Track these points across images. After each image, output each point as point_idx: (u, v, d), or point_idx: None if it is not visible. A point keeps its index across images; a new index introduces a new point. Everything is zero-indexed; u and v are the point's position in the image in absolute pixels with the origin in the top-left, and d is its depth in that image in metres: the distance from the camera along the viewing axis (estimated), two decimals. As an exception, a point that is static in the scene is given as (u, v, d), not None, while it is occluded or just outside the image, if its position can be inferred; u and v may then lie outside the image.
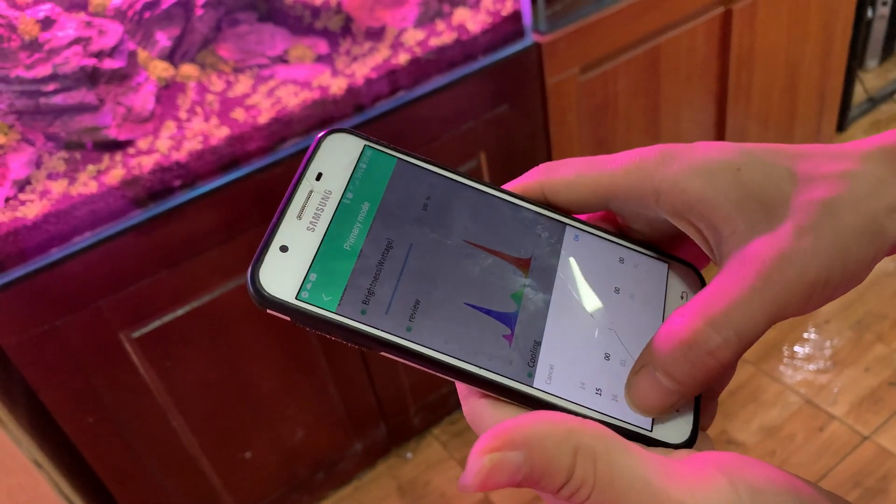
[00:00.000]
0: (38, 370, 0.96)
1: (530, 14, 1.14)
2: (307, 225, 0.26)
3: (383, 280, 0.26)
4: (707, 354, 0.24)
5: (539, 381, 0.26)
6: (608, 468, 0.22)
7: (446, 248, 0.27)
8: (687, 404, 0.27)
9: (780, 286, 0.23)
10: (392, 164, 0.29)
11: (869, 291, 1.58)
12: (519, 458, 0.21)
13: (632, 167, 0.27)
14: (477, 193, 0.29)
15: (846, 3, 1.61)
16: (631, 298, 0.29)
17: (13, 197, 0.91)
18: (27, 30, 0.89)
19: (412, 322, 0.26)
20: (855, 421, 1.35)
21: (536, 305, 0.27)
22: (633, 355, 0.27)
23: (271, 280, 0.25)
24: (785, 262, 0.23)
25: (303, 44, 1.07)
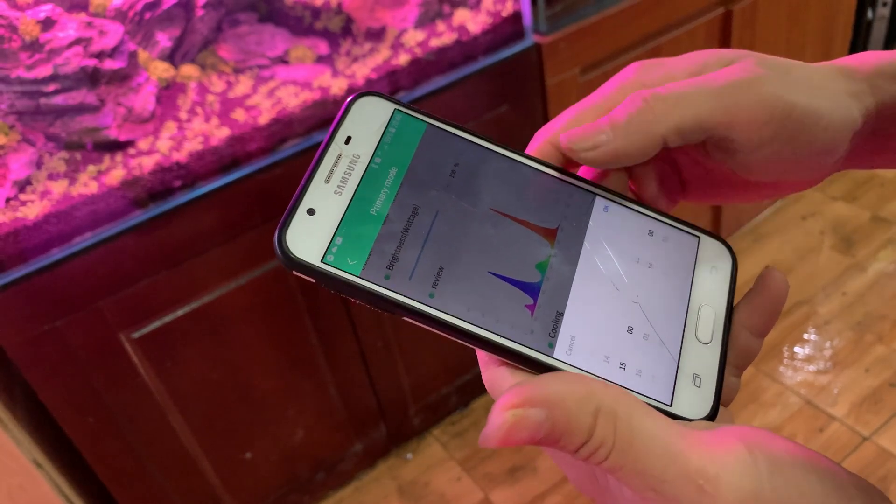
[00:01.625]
0: (38, 370, 0.96)
1: (531, 15, 1.14)
2: (334, 189, 0.26)
3: (408, 246, 0.26)
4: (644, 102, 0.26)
5: (559, 352, 0.26)
6: (628, 430, 0.22)
7: (472, 215, 0.27)
8: (709, 381, 0.26)
9: (731, 89, 0.25)
10: (422, 129, 0.28)
11: (869, 292, 1.58)
12: (541, 416, 0.22)
13: (622, 83, 0.28)
14: (506, 161, 0.29)
15: (846, 5, 1.61)
16: (658, 272, 0.28)
17: (14, 197, 0.91)
18: (28, 30, 0.89)
19: (435, 288, 0.26)
20: (855, 422, 1.35)
21: (561, 276, 0.27)
22: (656, 329, 0.27)
23: (297, 242, 0.25)
24: (745, 75, 0.26)
25: (303, 44, 1.07)
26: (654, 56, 1.31)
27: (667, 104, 0.26)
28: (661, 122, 0.26)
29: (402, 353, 1.32)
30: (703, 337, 0.27)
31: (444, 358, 1.40)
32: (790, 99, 0.25)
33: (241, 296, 1.08)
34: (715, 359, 0.27)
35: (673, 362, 0.27)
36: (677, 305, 0.28)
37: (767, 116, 0.25)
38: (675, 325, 0.27)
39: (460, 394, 1.48)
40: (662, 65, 0.28)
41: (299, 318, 1.16)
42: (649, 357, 0.26)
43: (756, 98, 0.25)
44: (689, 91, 0.26)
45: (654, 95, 0.26)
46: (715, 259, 0.29)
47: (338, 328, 1.21)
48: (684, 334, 0.27)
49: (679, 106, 0.25)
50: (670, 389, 0.26)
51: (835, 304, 1.57)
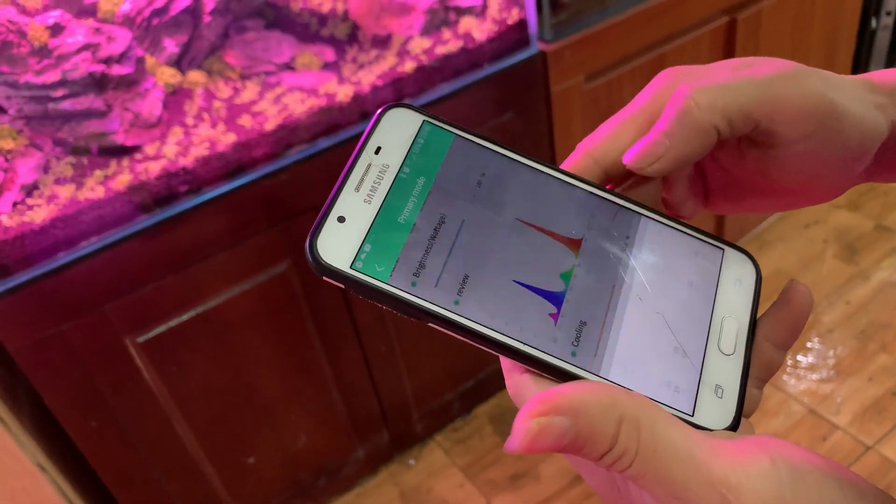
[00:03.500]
0: (43, 374, 0.97)
1: (536, 23, 1.14)
2: (364, 197, 0.27)
3: (434, 254, 0.26)
4: (689, 99, 0.26)
5: (582, 360, 0.26)
6: (652, 438, 0.22)
7: (498, 225, 0.28)
8: (731, 392, 0.27)
9: (774, 83, 0.26)
10: (449, 140, 0.29)
11: (873, 301, 1.58)
12: (565, 424, 0.22)
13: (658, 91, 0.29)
14: (532, 172, 0.29)
15: (850, 14, 1.62)
16: (682, 283, 0.28)
17: (21, 201, 0.92)
18: (37, 36, 0.89)
19: (460, 296, 0.26)
20: (858, 431, 1.35)
21: (585, 286, 0.27)
22: (679, 340, 0.27)
23: (328, 249, 0.26)
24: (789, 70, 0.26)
25: (309, 51, 1.08)
26: (659, 65, 1.32)
27: (710, 95, 0.26)
28: (710, 112, 0.26)
29: (406, 358, 1.32)
30: (726, 348, 0.28)
31: (448, 364, 1.40)
32: (832, 97, 0.26)
33: (246, 301, 1.09)
34: (737, 370, 0.27)
35: (696, 373, 0.27)
36: (701, 317, 0.28)
37: (812, 109, 0.26)
38: (698, 336, 0.28)
39: (463, 400, 1.48)
40: (694, 71, 0.28)
41: (303, 324, 1.16)
42: (672, 367, 0.27)
43: (801, 91, 0.26)
44: (733, 83, 0.26)
45: (697, 89, 0.26)
46: (739, 271, 0.29)
47: (341, 333, 1.21)
48: (707, 345, 0.27)
49: (724, 96, 0.26)
50: (692, 400, 0.26)
51: (838, 313, 1.57)
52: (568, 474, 1.38)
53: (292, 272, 1.11)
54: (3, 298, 0.90)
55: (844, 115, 0.26)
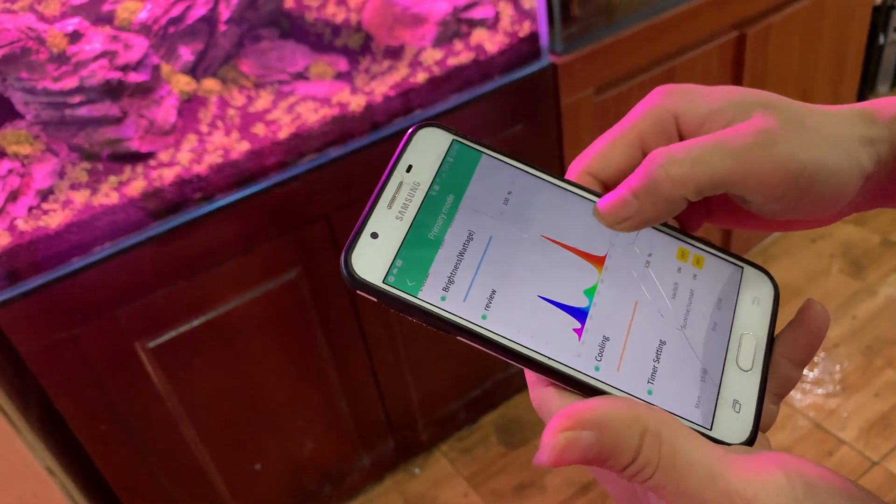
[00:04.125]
0: (54, 377, 0.97)
1: (547, 35, 1.15)
2: (396, 214, 0.28)
3: (463, 269, 0.27)
4: (661, 168, 0.26)
5: (605, 375, 0.27)
6: (672, 451, 0.23)
7: (524, 241, 0.28)
8: (748, 407, 0.27)
9: (746, 147, 0.26)
10: (478, 159, 0.30)
11: (879, 317, 1.58)
12: (591, 438, 0.23)
13: (650, 108, 0.29)
14: (557, 190, 0.30)
15: (858, 29, 1.63)
16: (703, 300, 0.29)
17: (36, 206, 0.92)
18: (55, 43, 0.90)
19: (488, 310, 0.27)
20: (864, 446, 1.35)
21: (608, 302, 0.28)
22: (699, 356, 0.28)
23: (362, 264, 0.27)
24: (760, 133, 0.26)
25: (323, 61, 1.08)
26: (669, 78, 1.33)
27: (683, 167, 0.26)
28: (680, 186, 0.26)
29: (412, 367, 1.32)
30: (744, 364, 0.28)
31: (454, 373, 1.41)
32: (803, 157, 0.26)
33: (256, 307, 1.09)
34: (755, 386, 0.28)
35: (714, 388, 0.28)
36: (720, 333, 0.29)
37: (780, 176, 0.26)
38: (717, 352, 0.28)
39: (469, 409, 1.48)
40: (689, 93, 0.29)
41: (311, 331, 1.17)
42: (692, 382, 0.27)
43: (770, 159, 0.26)
44: (705, 151, 0.26)
45: (669, 159, 0.26)
46: (758, 289, 0.30)
47: (349, 342, 1.22)
48: (726, 361, 0.28)
49: (695, 168, 0.26)
50: (711, 414, 0.27)
51: (844, 328, 1.57)
52: (573, 485, 1.38)
53: (302, 280, 1.11)
54: (16, 302, 0.91)
55: (818, 172, 0.26)
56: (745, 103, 0.28)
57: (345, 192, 1.08)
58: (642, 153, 0.29)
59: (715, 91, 0.29)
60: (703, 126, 0.28)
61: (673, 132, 0.29)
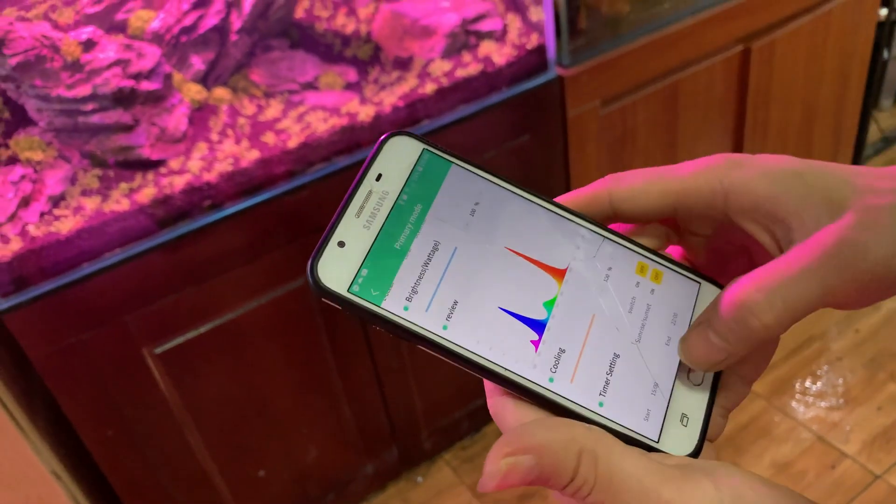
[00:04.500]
0: (62, 382, 0.98)
1: (554, 48, 1.16)
2: (363, 223, 0.28)
3: (427, 280, 0.28)
4: (753, 317, 0.26)
5: (558, 386, 0.27)
6: (607, 469, 0.25)
7: (488, 253, 0.29)
8: (696, 421, 0.28)
9: (834, 268, 0.25)
10: (447, 169, 0.30)
11: (882, 330, 1.58)
12: (531, 462, 0.24)
13: (701, 171, 0.29)
14: (523, 202, 0.30)
15: (862, 45, 1.64)
16: (658, 315, 0.30)
17: (48, 212, 0.93)
18: (70, 51, 0.92)
19: (449, 321, 0.27)
20: (867, 460, 1.35)
21: (566, 315, 0.29)
22: (651, 370, 0.29)
23: (328, 272, 0.27)
24: (844, 247, 0.25)
25: (333, 71, 1.10)
26: (673, 91, 1.34)
27: (776, 311, 0.26)
28: (775, 330, 0.26)
29: (417, 375, 1.33)
30: (694, 379, 0.29)
31: (458, 382, 1.41)
32: (890, 262, 0.25)
33: (262, 314, 1.10)
34: (703, 401, 0.29)
35: (664, 402, 0.28)
36: (673, 348, 0.29)
37: (870, 286, 0.26)
38: (669, 366, 0.29)
39: (472, 418, 1.48)
40: (748, 169, 0.28)
41: (317, 338, 1.18)
42: (642, 396, 0.28)
43: (858, 275, 0.25)
44: (791, 282, 0.25)
45: (760, 306, 0.26)
46: None
47: (354, 349, 1.22)
48: (677, 376, 0.29)
49: (787, 307, 0.25)
50: (659, 427, 0.28)
51: (847, 341, 1.57)
52: (575, 496, 1.38)
53: (308, 287, 1.12)
54: (26, 307, 0.92)
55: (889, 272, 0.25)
56: (807, 192, 0.27)
57: (352, 200, 1.09)
58: (674, 209, 0.30)
59: (774, 170, 0.28)
60: (758, 210, 0.28)
61: (719, 205, 0.29)
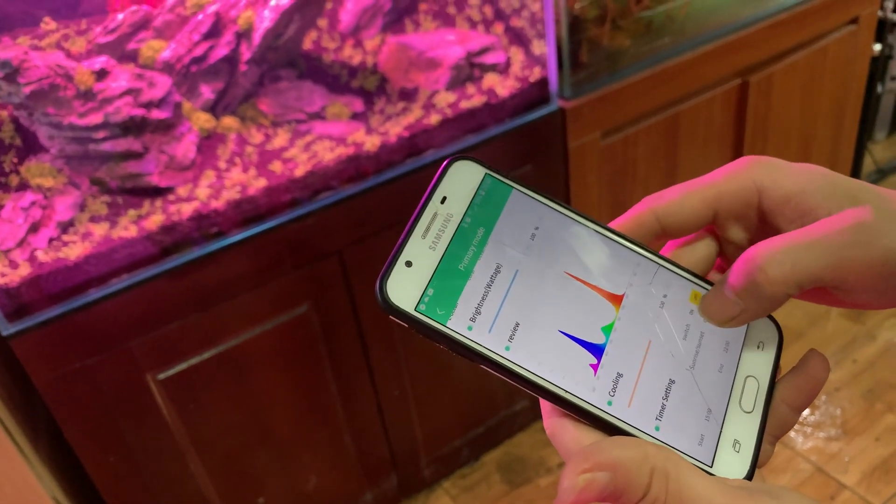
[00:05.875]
0: (66, 407, 0.98)
1: (556, 81, 1.19)
2: (430, 244, 0.29)
3: (489, 301, 0.29)
4: (762, 273, 0.27)
5: (617, 410, 0.28)
6: (678, 487, 0.25)
7: (548, 276, 0.30)
8: (748, 447, 0.29)
9: (847, 244, 0.27)
10: (508, 194, 0.31)
11: (879, 361, 1.59)
12: (606, 478, 0.25)
13: (734, 174, 0.30)
14: (582, 228, 0.31)
15: (857, 78, 1.67)
16: (711, 342, 0.31)
17: (57, 238, 0.94)
18: (83, 80, 0.93)
19: (511, 342, 0.28)
20: (866, 491, 1.35)
21: (623, 340, 0.30)
22: (705, 396, 0.29)
23: (396, 291, 0.28)
24: (860, 227, 0.27)
25: (339, 101, 1.11)
26: (673, 123, 1.36)
27: (784, 268, 0.27)
28: (782, 286, 0.28)
29: (417, 404, 1.33)
30: (746, 406, 0.30)
31: (458, 411, 1.41)
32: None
33: (266, 341, 1.10)
34: (755, 427, 0.29)
35: (717, 427, 0.29)
36: (726, 375, 0.30)
37: (880, 272, 0.27)
38: (722, 393, 0.30)
39: (472, 447, 1.48)
40: (775, 168, 0.30)
41: (320, 365, 1.18)
42: (697, 421, 0.29)
43: (870, 256, 0.27)
44: (804, 250, 0.27)
45: (768, 260, 0.27)
46: (763, 334, 0.32)
47: (356, 376, 1.23)
48: (729, 402, 0.30)
49: (795, 267, 0.27)
50: (713, 452, 0.29)
51: (845, 371, 1.58)
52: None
53: (312, 314, 1.13)
54: (33, 332, 0.92)
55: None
56: (833, 189, 0.29)
57: (358, 228, 1.10)
58: (714, 214, 0.31)
59: (801, 170, 0.30)
60: (788, 204, 0.29)
61: (754, 202, 0.30)
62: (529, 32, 1.20)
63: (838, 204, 0.28)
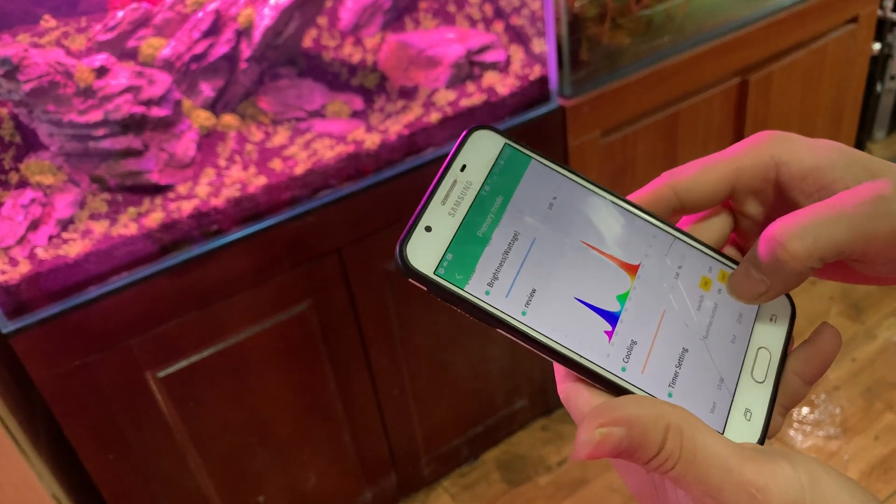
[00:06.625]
0: (65, 405, 0.98)
1: (556, 79, 1.19)
2: (449, 210, 0.29)
3: (507, 267, 0.29)
4: (784, 249, 0.28)
5: (630, 375, 0.29)
6: (692, 445, 0.26)
7: (565, 245, 0.30)
8: (758, 416, 0.29)
9: (867, 216, 0.27)
10: (527, 164, 0.31)
11: (878, 360, 1.59)
12: (622, 433, 0.26)
13: (752, 148, 0.31)
14: (599, 199, 0.32)
15: (857, 77, 1.67)
16: (725, 313, 0.31)
17: (56, 235, 0.94)
18: (83, 77, 0.93)
19: (527, 307, 0.29)
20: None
21: (638, 309, 0.30)
22: (717, 365, 0.30)
23: (416, 255, 0.28)
24: (880, 200, 0.27)
25: (339, 99, 1.11)
26: (673, 122, 1.36)
27: (806, 242, 0.27)
28: (804, 260, 0.28)
29: (417, 402, 1.33)
30: (757, 376, 0.30)
31: (458, 409, 1.41)
32: None
33: (266, 339, 1.10)
34: (766, 397, 0.30)
35: (729, 396, 0.30)
36: (739, 345, 0.31)
37: (892, 244, 0.27)
38: (734, 362, 0.30)
39: (472, 446, 1.48)
40: (793, 142, 0.30)
41: (319, 363, 1.18)
42: (709, 389, 0.30)
43: (889, 226, 0.27)
44: (825, 224, 0.27)
45: (790, 236, 0.28)
46: (777, 307, 0.32)
47: (356, 375, 1.23)
48: (741, 372, 0.30)
49: (818, 242, 0.27)
50: (724, 420, 0.29)
51: (844, 371, 1.58)
52: (575, 524, 1.38)
53: (312, 312, 1.13)
54: (33, 329, 0.92)
55: None
56: (850, 163, 0.29)
57: (357, 226, 1.10)
58: (732, 189, 0.31)
59: (818, 145, 0.30)
60: (805, 179, 0.30)
61: (771, 177, 0.30)
62: (529, 31, 1.20)
63: (856, 178, 0.29)
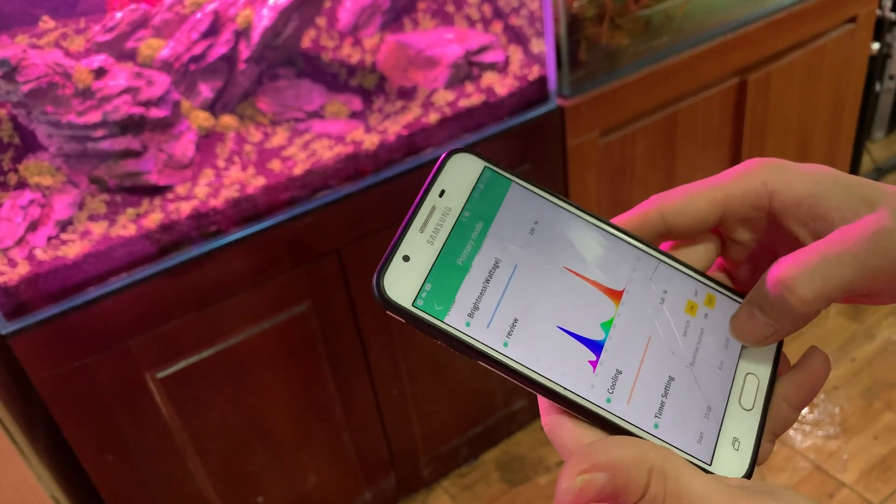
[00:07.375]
0: (65, 406, 0.98)
1: (555, 79, 1.19)
2: (427, 238, 0.29)
3: (488, 296, 0.28)
4: (793, 294, 0.27)
5: (615, 407, 0.28)
6: (676, 487, 0.25)
7: (547, 272, 0.29)
8: (747, 445, 0.29)
9: (872, 252, 0.27)
10: (507, 187, 0.31)
11: (877, 359, 1.59)
12: (604, 479, 0.25)
13: (743, 176, 0.30)
14: (582, 223, 0.31)
15: (856, 77, 1.67)
16: (712, 339, 0.30)
17: (55, 236, 0.94)
18: (81, 78, 0.93)
19: (509, 338, 0.28)
20: (864, 489, 1.35)
21: (622, 337, 0.29)
22: (704, 393, 0.29)
23: (393, 286, 0.27)
24: (882, 233, 0.27)
25: (338, 100, 1.11)
26: (672, 122, 1.36)
27: (814, 286, 0.27)
28: (813, 304, 0.27)
29: (416, 403, 1.33)
30: (745, 404, 0.30)
31: (457, 409, 1.41)
32: None
33: (265, 340, 1.10)
34: (754, 425, 0.29)
35: (717, 425, 0.29)
36: (726, 372, 0.30)
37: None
38: (721, 390, 0.30)
39: (471, 446, 1.48)
40: (784, 170, 0.30)
41: (319, 364, 1.18)
42: (696, 418, 0.29)
43: (894, 260, 0.27)
44: (831, 265, 0.27)
45: (797, 280, 0.27)
46: None
47: (356, 375, 1.23)
48: (729, 400, 0.29)
49: (826, 284, 0.27)
50: (712, 450, 0.28)
51: (843, 370, 1.58)
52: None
53: (311, 313, 1.13)
54: (32, 330, 0.92)
55: None
56: (846, 192, 0.29)
57: (356, 227, 1.10)
58: (721, 216, 0.31)
59: (811, 172, 0.30)
60: (800, 207, 0.29)
61: (764, 205, 0.30)
62: (528, 31, 1.20)
63: (850, 206, 0.28)
